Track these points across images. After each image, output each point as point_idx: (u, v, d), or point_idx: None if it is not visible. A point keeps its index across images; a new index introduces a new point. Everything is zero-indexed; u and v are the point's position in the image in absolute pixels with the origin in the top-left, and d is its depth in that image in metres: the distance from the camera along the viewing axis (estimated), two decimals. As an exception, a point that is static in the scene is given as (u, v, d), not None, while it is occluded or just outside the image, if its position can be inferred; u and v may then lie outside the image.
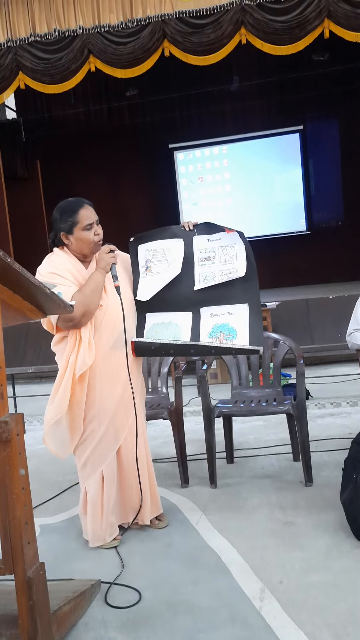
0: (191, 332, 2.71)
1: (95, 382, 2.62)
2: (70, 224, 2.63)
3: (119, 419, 2.67)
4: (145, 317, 2.76)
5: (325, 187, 10.10)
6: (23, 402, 5.64)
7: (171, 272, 2.74)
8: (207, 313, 2.73)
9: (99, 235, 2.68)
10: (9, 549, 1.80)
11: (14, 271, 1.74)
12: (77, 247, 2.67)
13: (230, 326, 2.67)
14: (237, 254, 2.71)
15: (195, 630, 2.00)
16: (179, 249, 2.78)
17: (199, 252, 2.77)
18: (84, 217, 2.63)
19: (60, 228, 2.66)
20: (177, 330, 2.72)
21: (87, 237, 2.64)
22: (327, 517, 2.72)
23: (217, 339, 2.65)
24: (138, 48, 6.50)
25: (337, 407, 4.71)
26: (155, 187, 10.49)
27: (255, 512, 2.88)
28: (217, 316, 2.71)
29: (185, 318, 2.74)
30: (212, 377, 5.88)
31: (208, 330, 2.69)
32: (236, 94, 9.69)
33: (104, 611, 2.17)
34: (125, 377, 2.65)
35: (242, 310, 2.68)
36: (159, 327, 2.74)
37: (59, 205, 2.70)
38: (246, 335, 2.63)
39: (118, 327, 2.65)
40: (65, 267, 2.64)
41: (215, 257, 2.74)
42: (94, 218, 2.67)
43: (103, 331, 2.63)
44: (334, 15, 6.09)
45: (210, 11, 6.25)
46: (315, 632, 1.92)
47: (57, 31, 6.56)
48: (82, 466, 2.72)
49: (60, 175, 10.09)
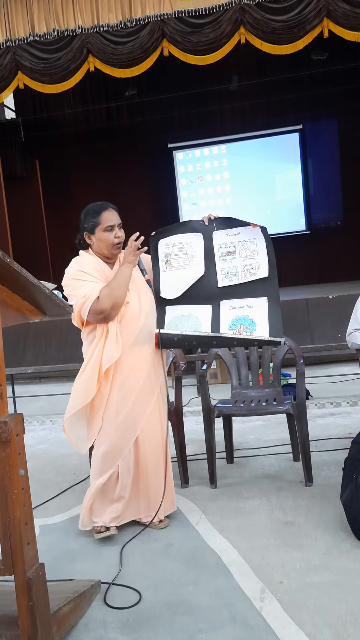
0: (211, 324, 2.76)
1: (116, 377, 2.70)
2: (92, 224, 2.76)
3: (138, 414, 2.72)
4: (165, 310, 2.82)
5: (325, 187, 10.10)
6: (22, 403, 5.64)
7: (195, 272, 2.79)
8: (226, 306, 2.77)
9: (119, 238, 2.79)
10: (8, 550, 1.79)
11: (13, 271, 1.74)
12: (98, 248, 2.79)
13: (250, 319, 2.71)
14: (257, 249, 2.75)
15: (195, 630, 1.99)
16: (199, 243, 2.81)
17: (219, 247, 2.80)
18: (106, 219, 2.76)
19: (84, 228, 2.79)
20: (197, 322, 2.77)
21: (107, 238, 2.76)
22: (327, 517, 2.71)
23: (237, 331, 2.69)
24: (137, 48, 6.49)
25: (337, 406, 4.71)
26: (154, 186, 10.48)
27: (255, 512, 2.87)
28: (237, 309, 2.75)
29: (205, 311, 2.79)
30: (211, 377, 5.87)
31: (228, 323, 2.74)
32: (235, 94, 9.68)
33: (104, 612, 2.16)
34: (147, 371, 2.74)
35: (262, 304, 2.72)
36: (179, 319, 2.79)
37: (86, 208, 2.83)
38: (265, 327, 2.67)
39: (139, 322, 2.75)
40: (91, 266, 2.77)
41: (236, 252, 2.78)
42: (116, 221, 2.79)
43: (126, 326, 2.73)
44: (333, 14, 6.09)
45: (209, 11, 6.25)
46: (316, 632, 1.91)
47: (56, 31, 6.55)
48: (98, 460, 2.74)
49: (59, 175, 10.10)
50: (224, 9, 6.22)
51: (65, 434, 2.75)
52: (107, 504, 2.74)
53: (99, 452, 2.73)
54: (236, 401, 3.42)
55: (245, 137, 10.14)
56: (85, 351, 2.77)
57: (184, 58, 6.56)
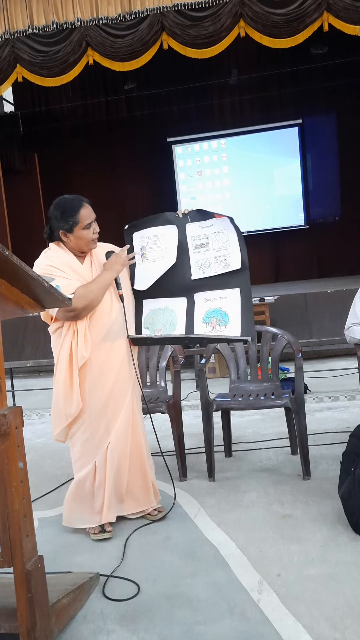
0: (186, 317, 2.79)
1: (87, 373, 2.67)
2: (71, 223, 2.69)
3: (111, 411, 2.70)
4: (142, 303, 2.85)
5: (324, 181, 10.07)
6: (21, 396, 5.64)
7: (167, 261, 2.80)
8: (200, 298, 2.79)
9: (96, 233, 2.77)
10: (7, 542, 1.80)
11: (12, 264, 1.74)
12: (76, 245, 2.74)
13: (223, 311, 2.74)
14: (229, 240, 2.75)
15: (193, 622, 2.00)
16: (173, 235, 2.82)
17: (193, 239, 2.81)
18: (84, 217, 2.70)
19: (59, 226, 2.71)
20: (172, 315, 2.79)
21: (86, 235, 2.72)
22: (325, 510, 2.72)
23: (211, 324, 2.72)
24: (136, 41, 6.46)
25: (335, 400, 4.72)
26: (153, 180, 10.46)
27: (253, 506, 2.88)
28: (210, 301, 2.78)
29: (180, 303, 2.82)
30: (210, 371, 5.88)
31: (202, 316, 2.77)
32: (235, 88, 9.64)
33: (103, 604, 2.17)
34: (119, 365, 2.71)
35: (234, 295, 2.74)
36: (156, 313, 2.82)
37: (58, 203, 2.75)
38: (237, 322, 2.70)
39: (110, 317, 2.71)
40: (62, 260, 2.71)
41: (209, 243, 2.78)
42: (93, 217, 2.74)
43: (96, 322, 2.69)
44: (333, 8, 6.05)
45: (209, 4, 6.21)
46: (313, 624, 1.93)
47: (55, 24, 6.51)
48: (76, 459, 2.76)
49: (58, 169, 10.06)
50: (224, 2, 6.18)
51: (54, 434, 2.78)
52: (87, 504, 2.73)
53: (75, 453, 2.74)
54: (234, 395, 3.43)
55: (245, 131, 10.10)
56: (54, 346, 2.74)
57: (183, 51, 6.52)
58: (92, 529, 2.73)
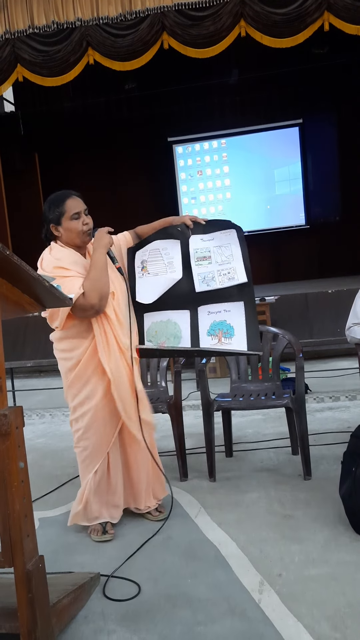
0: (190, 330, 2.78)
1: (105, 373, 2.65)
2: (57, 214, 2.64)
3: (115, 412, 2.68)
4: (143, 317, 2.83)
5: (325, 181, 10.06)
6: (22, 396, 5.64)
7: (172, 275, 2.79)
8: (204, 311, 2.79)
9: (87, 225, 2.67)
10: (8, 542, 1.80)
11: (13, 264, 1.74)
12: (68, 238, 2.67)
13: (228, 323, 2.74)
14: (232, 254, 2.76)
15: (194, 622, 2.00)
16: (176, 249, 2.81)
17: (195, 251, 2.81)
18: (70, 207, 2.64)
19: (49, 220, 2.66)
20: (176, 328, 2.78)
21: (75, 226, 2.64)
22: (325, 510, 2.72)
23: (216, 336, 2.73)
24: (137, 40, 6.45)
25: (335, 401, 4.72)
26: (154, 180, 10.45)
27: (254, 506, 2.88)
28: (214, 314, 2.78)
29: (183, 316, 2.81)
30: (211, 371, 5.88)
31: (206, 328, 2.77)
32: (235, 87, 9.63)
33: (104, 604, 2.17)
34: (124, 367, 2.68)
35: (238, 308, 2.75)
36: (158, 326, 2.80)
37: (47, 199, 2.72)
38: (243, 335, 2.71)
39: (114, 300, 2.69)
40: (68, 259, 2.63)
41: (212, 257, 2.78)
42: (82, 207, 2.67)
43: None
44: (334, 7, 6.05)
45: (210, 3, 6.20)
46: (314, 624, 1.92)
47: (55, 23, 6.51)
48: (82, 460, 2.76)
49: (59, 169, 10.05)
50: (224, 2, 6.17)
51: None
52: (103, 500, 2.73)
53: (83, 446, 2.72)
54: (235, 395, 3.43)
55: (245, 131, 10.09)
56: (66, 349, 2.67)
57: (184, 51, 6.51)
58: (93, 531, 2.73)
